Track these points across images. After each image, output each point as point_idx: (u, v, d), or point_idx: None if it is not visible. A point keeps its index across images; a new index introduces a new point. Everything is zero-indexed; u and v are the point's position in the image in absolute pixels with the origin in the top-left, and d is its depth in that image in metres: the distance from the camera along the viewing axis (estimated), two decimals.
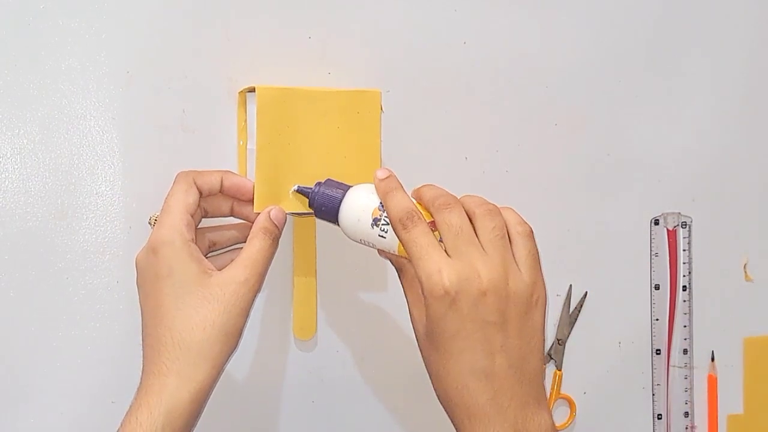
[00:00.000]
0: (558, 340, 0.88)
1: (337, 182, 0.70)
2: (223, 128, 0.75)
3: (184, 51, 0.74)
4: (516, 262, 0.65)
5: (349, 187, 0.70)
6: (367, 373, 0.81)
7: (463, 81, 0.83)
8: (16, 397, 0.71)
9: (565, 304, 0.88)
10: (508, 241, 0.65)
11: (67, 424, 0.72)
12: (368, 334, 0.81)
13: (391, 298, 0.81)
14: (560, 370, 0.88)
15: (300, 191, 0.71)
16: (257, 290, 0.66)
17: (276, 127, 0.71)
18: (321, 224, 0.76)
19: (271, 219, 0.68)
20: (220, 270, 0.66)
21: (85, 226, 0.72)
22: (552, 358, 0.87)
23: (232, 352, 0.65)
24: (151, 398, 0.61)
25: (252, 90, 0.72)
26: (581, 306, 0.88)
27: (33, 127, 0.71)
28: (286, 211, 0.70)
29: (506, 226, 0.66)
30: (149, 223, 0.73)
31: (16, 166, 0.71)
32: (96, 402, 0.73)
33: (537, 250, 0.66)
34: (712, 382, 0.93)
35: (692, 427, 0.91)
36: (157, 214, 0.68)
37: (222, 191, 0.70)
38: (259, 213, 0.69)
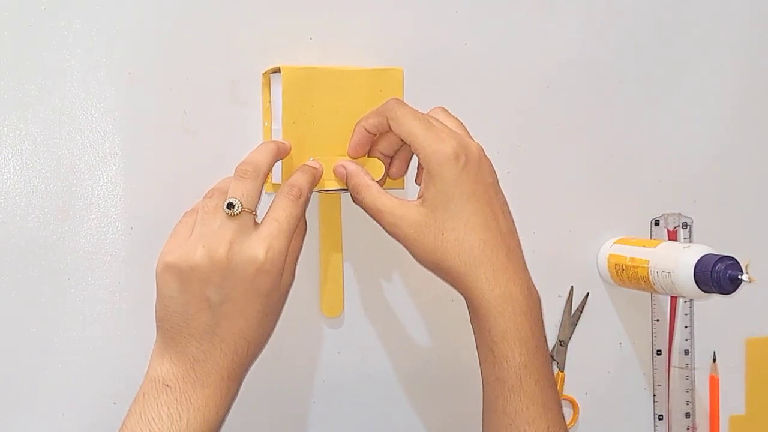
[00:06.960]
0: (560, 341, 0.88)
1: None
2: (224, 129, 0.75)
3: (186, 52, 0.74)
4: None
5: None
6: (369, 374, 0.81)
7: (464, 82, 0.83)
8: (18, 397, 0.71)
9: (566, 305, 0.88)
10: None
11: (69, 425, 0.72)
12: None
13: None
14: (562, 371, 0.87)
15: None
16: None
17: (301, 106, 0.72)
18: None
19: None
20: None
21: (86, 228, 0.72)
22: (554, 360, 0.87)
23: None
24: (223, 390, 0.63)
25: (276, 70, 0.73)
26: (583, 307, 0.88)
27: (34, 129, 0.71)
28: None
29: None
30: (231, 211, 0.63)
31: (18, 168, 0.70)
32: (97, 403, 0.73)
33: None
34: (714, 383, 0.93)
35: (693, 428, 0.91)
36: (242, 201, 0.63)
37: None
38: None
